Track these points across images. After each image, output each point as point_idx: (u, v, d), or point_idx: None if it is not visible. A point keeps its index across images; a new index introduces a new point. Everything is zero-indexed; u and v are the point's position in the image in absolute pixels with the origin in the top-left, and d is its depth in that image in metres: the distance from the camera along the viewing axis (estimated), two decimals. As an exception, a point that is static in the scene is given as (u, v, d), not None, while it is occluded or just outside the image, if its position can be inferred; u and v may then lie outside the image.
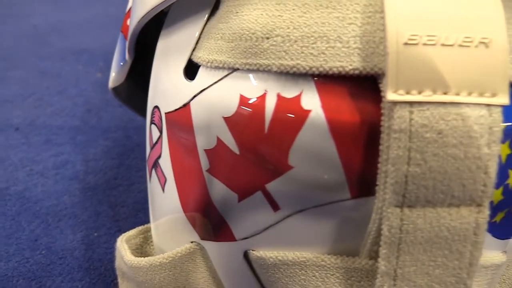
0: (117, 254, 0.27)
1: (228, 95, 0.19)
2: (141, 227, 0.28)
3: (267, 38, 0.18)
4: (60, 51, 0.70)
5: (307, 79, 0.18)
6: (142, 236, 0.28)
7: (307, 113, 0.17)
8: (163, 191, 0.24)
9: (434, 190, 0.16)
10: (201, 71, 0.20)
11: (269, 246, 0.20)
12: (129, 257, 0.25)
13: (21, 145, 0.49)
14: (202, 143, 0.20)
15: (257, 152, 0.18)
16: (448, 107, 0.16)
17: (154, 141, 0.24)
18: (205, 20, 0.21)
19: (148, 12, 0.22)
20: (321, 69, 0.17)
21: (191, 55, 0.21)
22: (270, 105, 0.18)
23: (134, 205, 0.41)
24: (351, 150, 0.17)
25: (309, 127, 0.17)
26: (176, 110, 0.21)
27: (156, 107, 0.23)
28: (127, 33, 0.26)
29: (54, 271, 0.35)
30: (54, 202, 0.41)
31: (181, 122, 0.21)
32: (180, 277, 0.24)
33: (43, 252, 0.36)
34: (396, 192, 0.16)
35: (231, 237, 0.21)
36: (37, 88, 0.60)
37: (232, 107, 0.19)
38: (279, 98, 0.18)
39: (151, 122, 0.24)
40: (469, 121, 0.16)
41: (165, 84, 0.23)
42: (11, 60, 0.68)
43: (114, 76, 0.30)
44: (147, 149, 0.25)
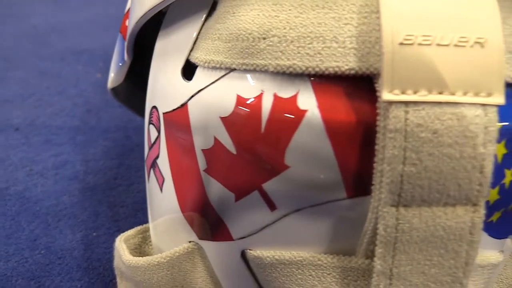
0: (115, 253, 0.27)
1: (225, 95, 0.19)
2: (139, 227, 0.28)
3: (264, 38, 0.18)
4: (60, 52, 0.70)
5: (303, 79, 0.18)
6: (140, 236, 0.28)
7: (303, 113, 0.17)
8: (161, 191, 0.24)
9: (430, 190, 0.16)
10: (198, 71, 0.20)
11: (266, 245, 0.20)
12: (127, 256, 0.25)
13: (21, 145, 0.49)
14: (200, 143, 0.20)
15: (253, 152, 0.18)
16: (443, 106, 0.16)
17: (152, 141, 0.24)
18: (202, 20, 0.21)
19: (146, 13, 0.22)
20: (317, 69, 0.17)
21: (188, 55, 0.21)
22: (267, 105, 0.18)
23: (133, 205, 0.41)
24: (347, 149, 0.17)
25: (305, 127, 0.17)
26: (174, 110, 0.21)
27: (154, 107, 0.24)
28: (125, 33, 0.26)
29: (53, 270, 0.35)
30: (54, 202, 0.41)
31: (178, 122, 0.21)
32: (178, 277, 0.24)
33: (42, 252, 0.36)
34: (391, 191, 0.16)
35: (228, 237, 0.21)
36: (37, 88, 0.60)
37: (229, 107, 0.19)
38: (276, 98, 0.18)
39: (149, 122, 0.24)
40: (464, 120, 0.16)
41: (163, 85, 0.23)
42: (11, 60, 0.68)
43: (113, 76, 0.30)
44: (146, 149, 0.25)
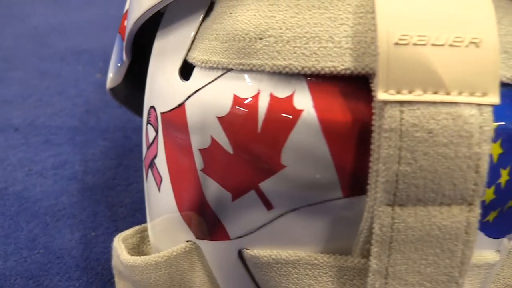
0: (113, 253, 0.27)
1: (222, 95, 0.19)
2: (138, 226, 0.28)
3: (260, 38, 0.18)
4: (60, 52, 0.70)
5: (299, 79, 0.18)
6: (139, 235, 0.28)
7: (299, 112, 0.17)
8: (159, 190, 0.24)
9: (425, 189, 0.16)
10: (196, 71, 0.20)
11: (263, 245, 0.20)
12: (125, 256, 0.25)
13: (21, 146, 0.49)
14: (197, 142, 0.20)
15: (250, 152, 0.19)
16: (438, 106, 0.16)
17: (150, 141, 0.24)
18: (200, 21, 0.21)
19: (144, 13, 0.22)
20: (313, 69, 0.17)
21: (186, 55, 0.21)
22: (263, 105, 0.18)
23: (132, 205, 0.41)
24: (343, 149, 0.17)
25: (301, 126, 0.17)
26: (172, 110, 0.21)
27: (152, 107, 0.24)
28: (124, 34, 0.26)
29: (52, 270, 0.35)
30: (53, 202, 0.41)
31: (176, 122, 0.21)
32: (176, 276, 0.24)
33: (41, 251, 0.36)
34: (387, 191, 0.16)
35: (225, 236, 0.21)
36: (37, 89, 0.60)
37: (226, 107, 0.19)
38: (272, 98, 0.18)
39: (148, 122, 0.24)
40: (459, 120, 0.16)
41: (161, 85, 0.23)
42: (11, 60, 0.68)
43: (112, 76, 0.31)
44: (144, 149, 0.26)
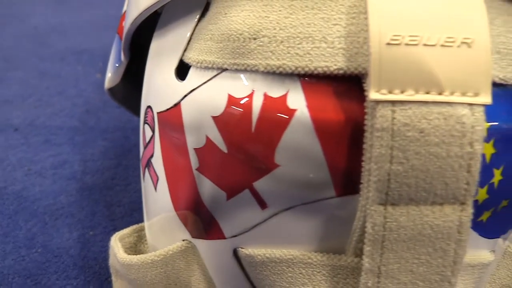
0: (110, 252, 0.27)
1: (216, 95, 0.19)
2: (135, 226, 0.28)
3: (254, 38, 0.18)
4: (60, 52, 0.71)
5: (293, 79, 0.18)
6: (136, 234, 0.28)
7: (292, 112, 0.18)
8: (156, 190, 0.24)
9: (417, 188, 0.17)
10: (191, 71, 0.21)
11: (257, 243, 0.21)
12: (121, 254, 0.25)
13: (20, 145, 0.49)
14: (192, 142, 0.20)
15: (244, 151, 0.19)
16: (430, 106, 0.16)
17: (147, 140, 0.24)
18: (196, 21, 0.21)
19: (142, 13, 0.22)
20: (306, 69, 0.17)
21: (182, 55, 0.21)
22: (257, 104, 0.18)
23: (130, 204, 0.41)
24: (336, 148, 0.17)
25: (294, 126, 0.18)
26: (168, 109, 0.22)
27: (149, 107, 0.24)
28: (122, 34, 0.26)
29: (50, 269, 0.35)
30: (51, 202, 0.42)
31: (172, 122, 0.21)
32: (172, 275, 0.24)
33: (39, 250, 0.37)
34: (379, 190, 0.17)
35: (220, 235, 0.21)
36: (37, 89, 0.60)
37: (220, 106, 0.19)
38: (266, 97, 0.18)
39: (144, 122, 0.25)
40: (451, 120, 0.16)
41: (158, 84, 0.23)
42: (11, 60, 0.68)
43: (110, 76, 0.31)
44: (141, 148, 0.26)
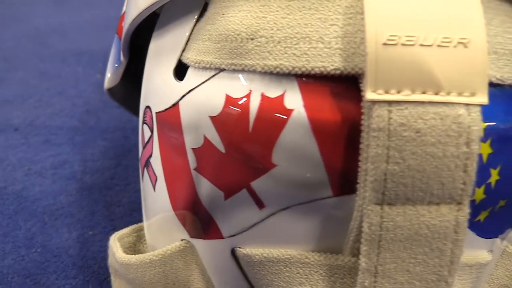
0: (109, 252, 0.27)
1: (214, 95, 0.19)
2: (134, 225, 0.28)
3: (252, 39, 0.18)
4: (61, 53, 0.71)
5: (290, 79, 0.18)
6: (135, 234, 0.28)
7: (290, 112, 0.18)
8: (154, 190, 0.24)
9: (413, 188, 0.17)
10: (189, 71, 0.21)
11: (255, 243, 0.21)
12: (120, 254, 0.25)
13: (20, 145, 0.50)
14: (190, 142, 0.20)
15: (242, 151, 0.19)
16: (426, 106, 0.16)
17: (146, 140, 0.24)
18: (194, 21, 0.21)
19: (141, 13, 0.22)
20: (303, 69, 0.17)
21: (180, 56, 0.21)
22: (255, 104, 0.18)
23: (129, 204, 0.41)
24: (333, 148, 0.18)
25: (291, 126, 0.18)
26: (166, 109, 0.22)
27: (148, 107, 0.24)
28: (121, 34, 0.26)
29: (49, 268, 0.35)
30: (51, 202, 0.42)
31: (170, 122, 0.21)
32: (170, 274, 0.24)
33: (38, 250, 0.37)
34: (375, 190, 0.17)
35: (218, 235, 0.21)
36: (37, 89, 0.61)
37: (218, 106, 0.19)
38: (263, 97, 0.18)
39: (143, 122, 0.25)
40: (447, 120, 0.16)
41: (156, 84, 0.23)
42: (11, 60, 0.68)
43: (110, 77, 0.31)
44: (140, 148, 0.26)
